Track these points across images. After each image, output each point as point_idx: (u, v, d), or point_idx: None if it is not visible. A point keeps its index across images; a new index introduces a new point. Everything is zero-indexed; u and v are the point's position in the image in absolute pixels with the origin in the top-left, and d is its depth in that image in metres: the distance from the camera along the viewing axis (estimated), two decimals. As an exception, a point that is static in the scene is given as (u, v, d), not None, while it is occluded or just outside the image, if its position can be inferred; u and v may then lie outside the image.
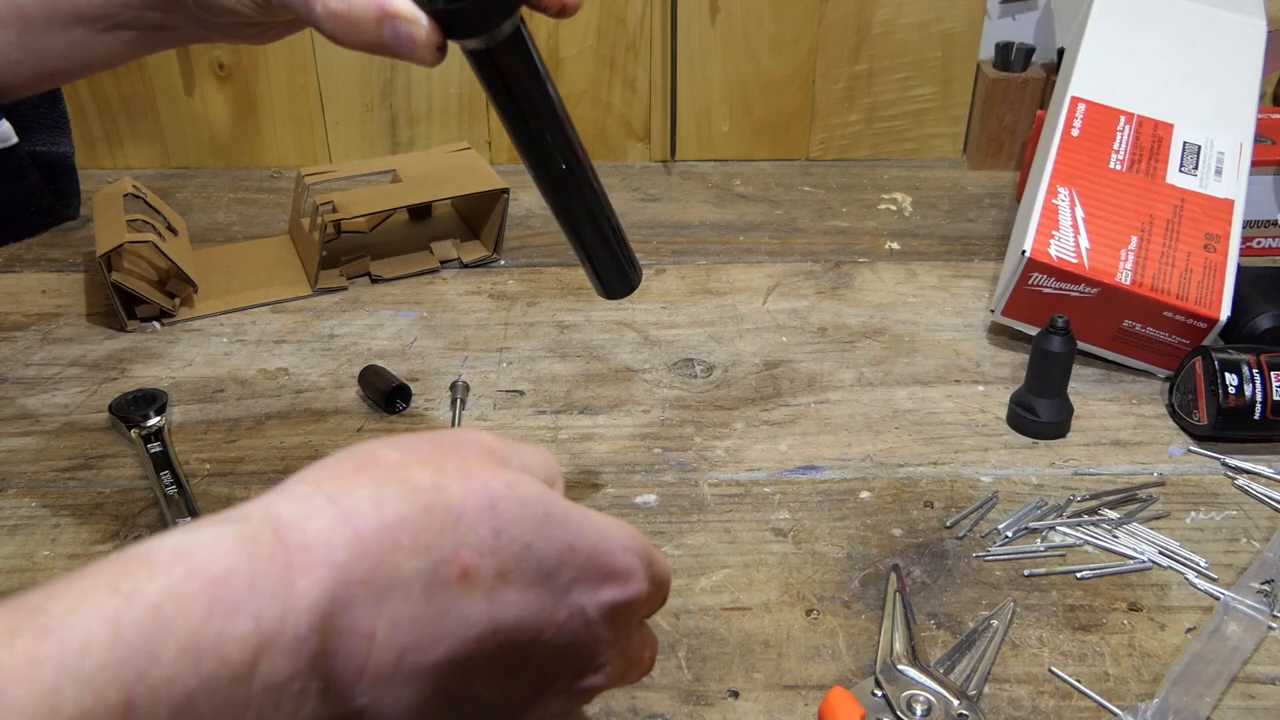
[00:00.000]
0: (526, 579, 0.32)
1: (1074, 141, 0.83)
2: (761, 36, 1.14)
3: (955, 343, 0.84)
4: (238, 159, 1.17)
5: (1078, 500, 0.66)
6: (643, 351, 0.82)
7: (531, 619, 0.32)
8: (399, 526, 0.30)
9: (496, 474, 0.33)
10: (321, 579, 0.28)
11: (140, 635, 0.24)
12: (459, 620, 0.31)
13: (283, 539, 0.28)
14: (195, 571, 0.26)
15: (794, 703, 0.52)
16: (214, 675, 0.25)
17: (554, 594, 0.33)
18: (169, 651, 0.25)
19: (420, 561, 0.30)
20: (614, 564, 0.35)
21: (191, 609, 0.26)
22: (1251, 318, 0.77)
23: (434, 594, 0.30)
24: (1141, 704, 0.51)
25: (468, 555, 0.31)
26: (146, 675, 0.24)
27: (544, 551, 0.33)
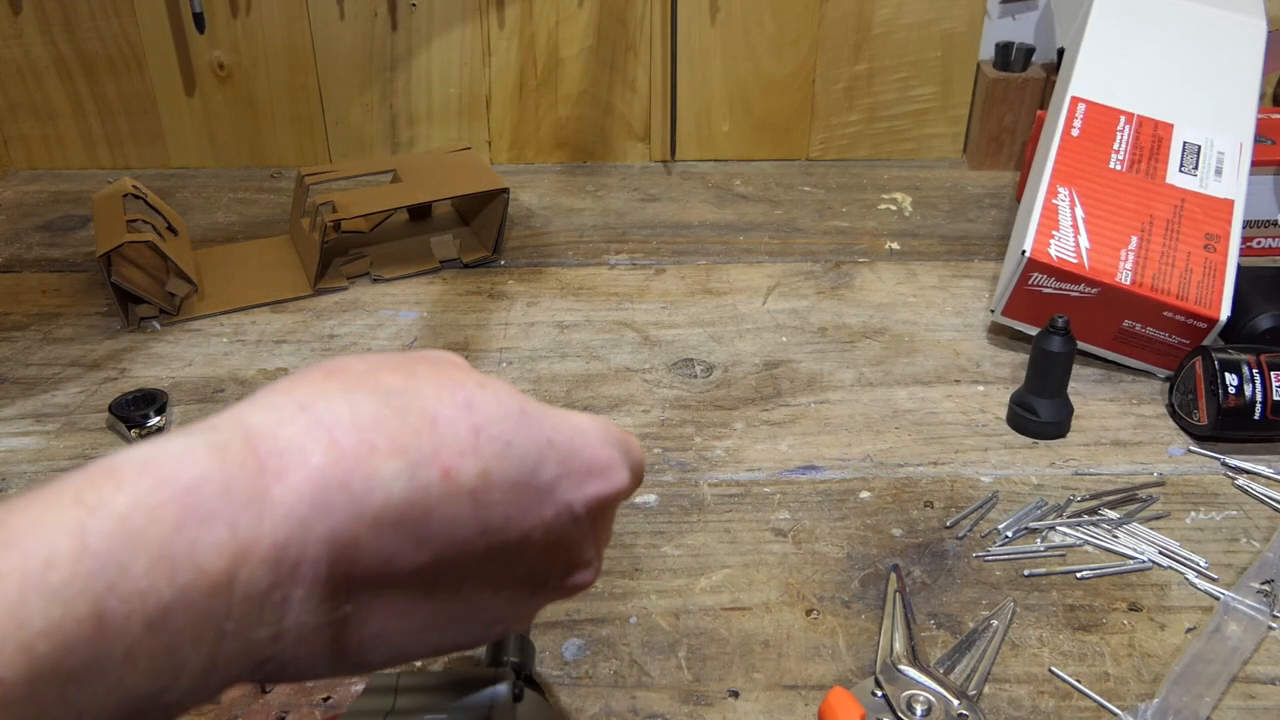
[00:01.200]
0: (510, 477, 0.31)
1: (1074, 141, 0.83)
2: (761, 36, 1.14)
3: (955, 343, 0.84)
4: (238, 159, 1.17)
5: (1078, 500, 0.66)
6: (643, 351, 0.82)
7: (518, 518, 0.32)
8: (374, 428, 0.29)
9: (468, 374, 0.33)
10: (298, 484, 0.27)
11: (108, 547, 0.24)
12: (445, 523, 0.30)
13: (254, 447, 0.27)
14: (164, 481, 0.25)
15: (794, 703, 0.52)
16: (190, 586, 0.25)
17: (539, 491, 0.33)
18: (140, 563, 0.24)
19: (399, 463, 0.29)
20: (595, 457, 0.35)
21: (162, 519, 0.25)
22: (1251, 318, 0.77)
23: (416, 496, 0.29)
24: (1141, 704, 0.51)
25: (448, 455, 0.30)
26: (117, 587, 0.23)
27: (524, 448, 0.32)
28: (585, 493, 0.34)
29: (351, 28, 1.11)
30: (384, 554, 0.29)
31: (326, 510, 0.27)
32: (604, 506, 0.36)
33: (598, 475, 0.35)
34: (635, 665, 0.54)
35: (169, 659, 0.25)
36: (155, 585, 0.24)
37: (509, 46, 1.13)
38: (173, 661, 0.25)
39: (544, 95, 1.15)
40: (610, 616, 0.57)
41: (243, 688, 0.52)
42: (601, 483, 0.35)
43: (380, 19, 1.11)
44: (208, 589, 0.25)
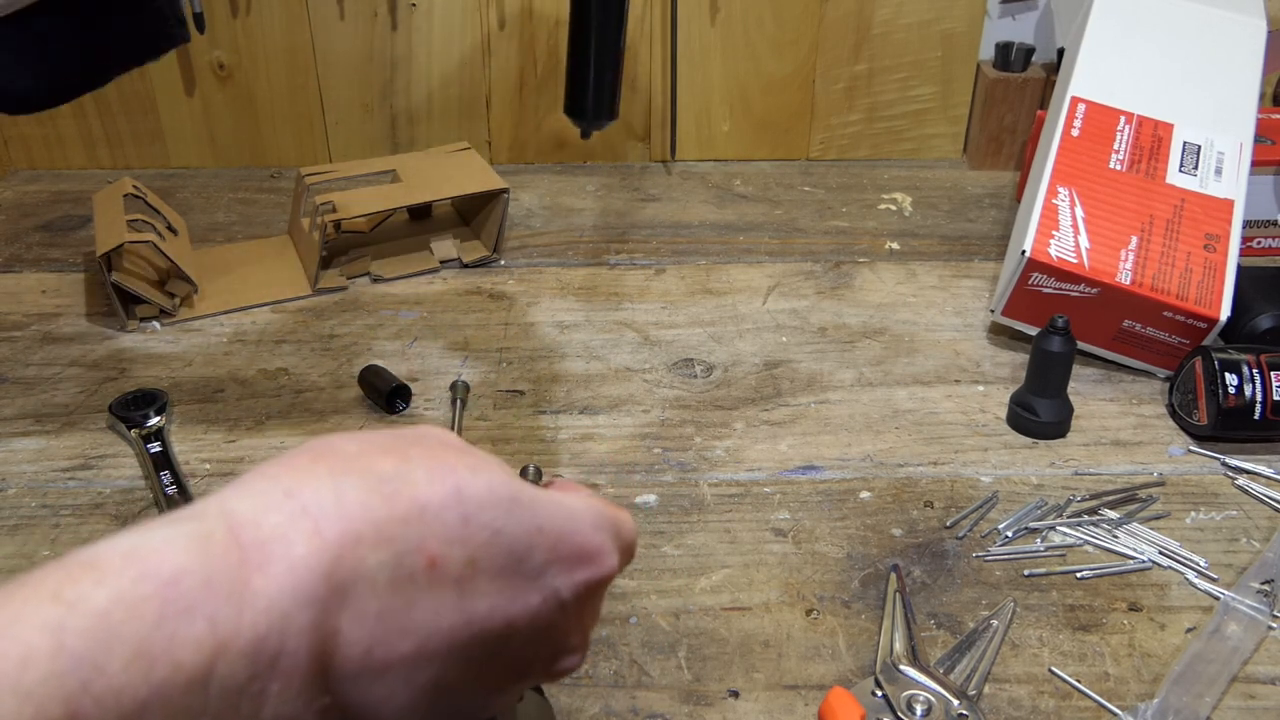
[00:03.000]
0: (497, 566, 0.31)
1: (1074, 141, 0.83)
2: (761, 36, 1.14)
3: (955, 343, 0.84)
4: (238, 159, 1.17)
5: (1078, 500, 0.66)
6: (643, 351, 0.82)
7: (504, 606, 0.32)
8: (360, 518, 0.29)
9: (461, 459, 0.32)
10: (279, 575, 0.27)
11: (85, 645, 0.23)
12: (428, 613, 0.30)
13: (238, 536, 0.27)
14: (146, 575, 0.25)
15: (794, 703, 0.52)
16: (167, 682, 0.24)
17: (526, 580, 0.32)
18: (117, 660, 0.24)
19: (384, 554, 0.29)
20: (585, 544, 0.34)
21: (142, 614, 0.24)
22: (1251, 318, 0.77)
23: (400, 587, 0.29)
24: (1141, 704, 0.51)
25: (434, 545, 0.30)
26: (92, 686, 0.23)
27: (514, 536, 0.32)
28: (574, 579, 0.34)
29: (351, 28, 1.11)
30: (365, 644, 0.29)
31: (308, 602, 0.27)
32: (592, 591, 0.35)
33: (587, 562, 0.34)
34: (635, 665, 0.54)
35: None
36: (131, 682, 0.24)
37: (509, 46, 1.13)
38: None
39: (544, 95, 1.15)
40: (610, 616, 0.57)
41: None
42: (591, 569, 0.34)
43: (380, 19, 1.11)
44: (184, 684, 0.25)
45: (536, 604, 0.33)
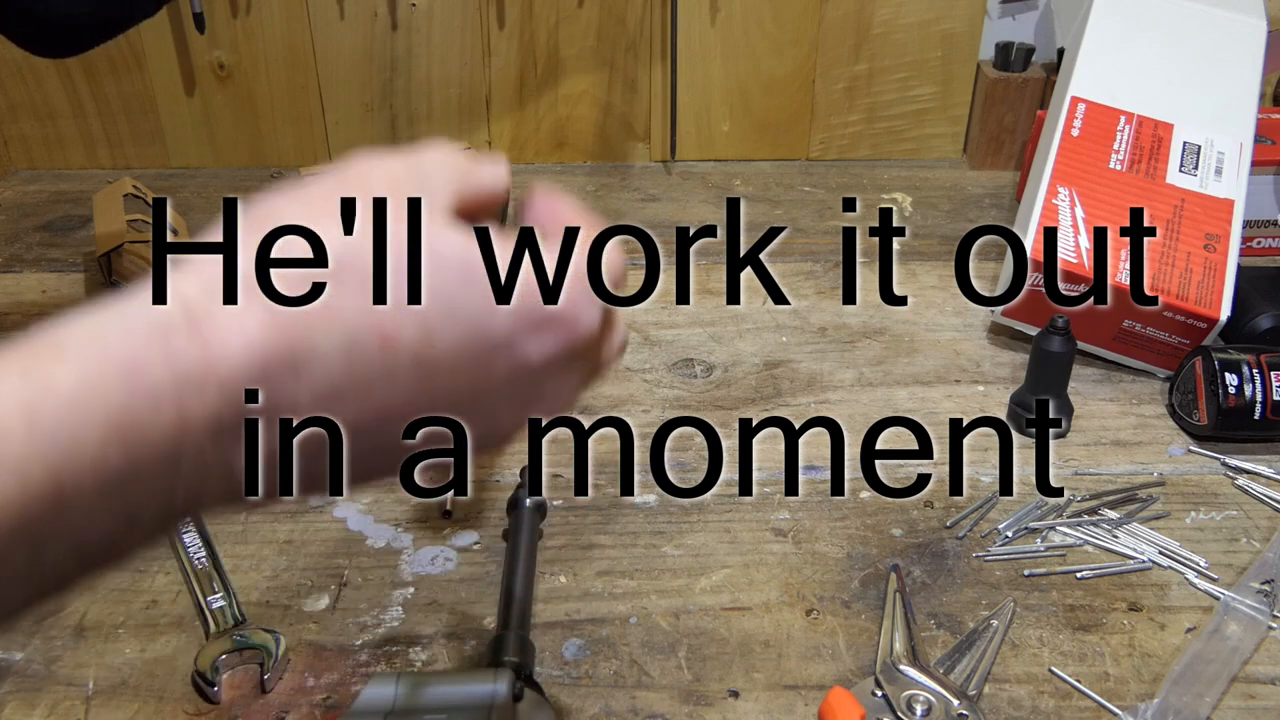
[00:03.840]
0: (455, 336, 0.30)
1: (1074, 141, 0.83)
2: (761, 36, 1.14)
3: (955, 343, 0.84)
4: (238, 159, 1.17)
5: (1078, 500, 0.66)
6: (643, 351, 0.82)
7: (468, 376, 0.31)
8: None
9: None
10: (236, 358, 0.27)
11: (58, 421, 0.24)
12: (386, 387, 0.30)
13: (195, 321, 0.27)
14: (109, 357, 0.26)
15: (794, 703, 0.52)
16: (139, 459, 0.25)
17: (490, 349, 0.31)
18: (93, 438, 0.25)
19: (337, 333, 0.29)
20: (555, 306, 0.32)
21: (109, 399, 0.25)
22: (1251, 318, 0.77)
23: (355, 364, 0.29)
24: (1141, 704, 0.51)
25: (387, 321, 0.29)
26: (71, 459, 0.24)
27: (470, 306, 0.30)
28: (544, 346, 0.32)
29: (351, 28, 1.11)
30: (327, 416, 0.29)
31: (265, 382, 0.28)
32: (568, 354, 0.33)
33: (559, 325, 0.32)
34: (635, 665, 0.54)
35: (126, 518, 0.26)
36: (108, 457, 0.25)
37: (509, 46, 1.13)
38: (130, 520, 0.27)
39: (544, 95, 1.15)
40: (610, 616, 0.57)
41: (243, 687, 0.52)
42: (562, 332, 0.32)
43: (380, 19, 1.11)
44: (156, 461, 0.26)
45: (504, 371, 0.32)
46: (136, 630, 0.56)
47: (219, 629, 0.55)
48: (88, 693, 0.52)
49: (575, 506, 0.65)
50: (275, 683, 0.53)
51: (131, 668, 0.54)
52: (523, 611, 0.55)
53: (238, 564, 0.61)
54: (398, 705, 0.47)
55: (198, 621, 0.57)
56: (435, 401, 0.31)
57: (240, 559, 0.61)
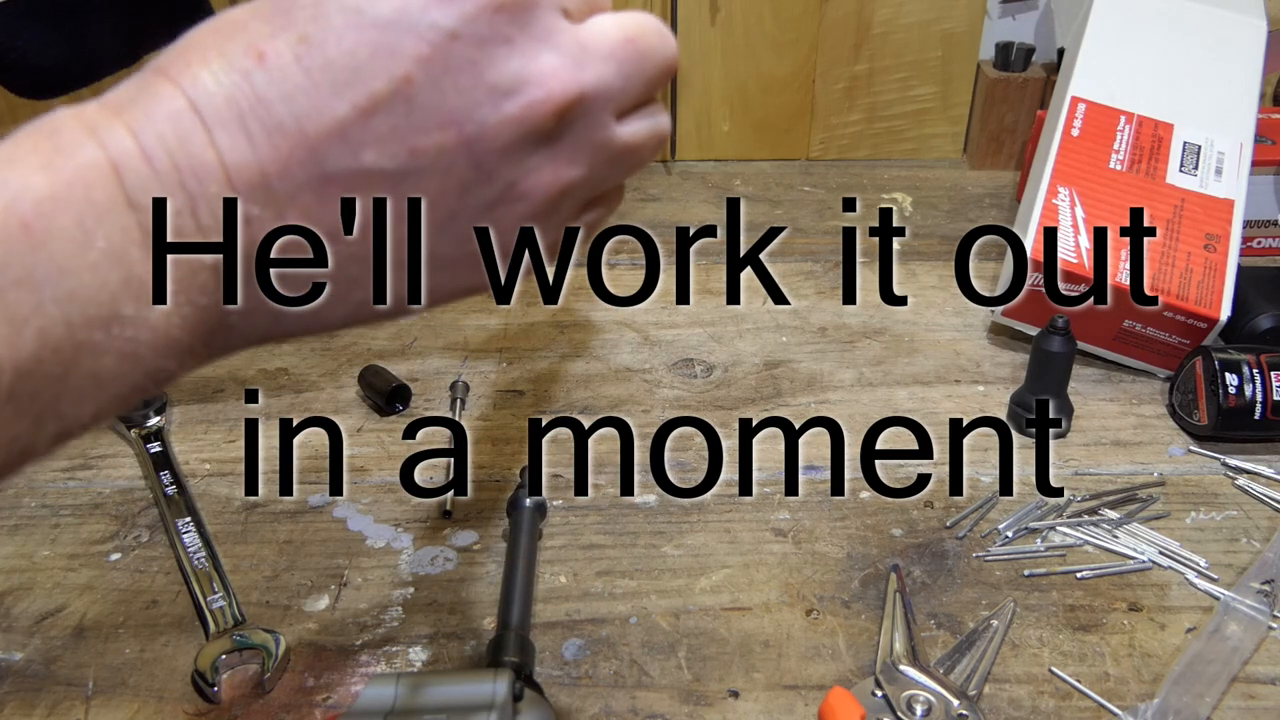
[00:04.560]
0: (335, 31, 0.28)
1: (1074, 141, 0.83)
2: (761, 36, 1.14)
3: (955, 343, 0.84)
4: (238, 159, 1.17)
5: (1078, 500, 0.66)
6: (643, 351, 0.82)
7: (370, 62, 0.28)
8: (190, 48, 0.29)
9: None
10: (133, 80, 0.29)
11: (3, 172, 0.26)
12: (284, 102, 0.28)
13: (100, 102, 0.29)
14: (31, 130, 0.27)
15: (794, 703, 0.52)
16: (87, 195, 0.26)
17: (385, 25, 0.28)
18: (37, 180, 0.26)
19: (216, 63, 0.28)
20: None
21: (38, 148, 0.27)
22: (1251, 318, 0.77)
23: (241, 85, 0.28)
24: (1141, 704, 0.51)
25: (262, 40, 0.28)
26: (24, 197, 0.25)
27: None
28: (450, 9, 0.29)
29: (351, 28, 1.11)
30: (246, 149, 0.28)
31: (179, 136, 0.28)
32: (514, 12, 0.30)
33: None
34: (635, 665, 0.54)
35: (113, 266, 0.26)
36: (63, 194, 0.26)
37: (509, 46, 1.13)
38: (119, 268, 0.26)
39: (544, 95, 1.15)
40: (610, 616, 0.57)
41: (243, 687, 0.52)
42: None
43: (380, 19, 1.11)
44: (109, 193, 0.27)
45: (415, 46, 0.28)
46: (136, 630, 0.56)
47: (219, 629, 0.55)
48: (88, 693, 0.52)
49: (575, 506, 0.65)
50: (275, 683, 0.53)
51: (131, 668, 0.54)
52: (523, 611, 0.55)
53: (238, 564, 0.61)
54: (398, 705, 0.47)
55: (198, 621, 0.57)
56: (354, 102, 0.28)
57: (240, 559, 0.61)
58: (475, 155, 0.30)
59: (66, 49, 0.52)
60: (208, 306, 0.29)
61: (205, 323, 0.29)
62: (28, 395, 0.26)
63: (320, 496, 0.66)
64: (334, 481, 0.67)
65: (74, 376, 0.26)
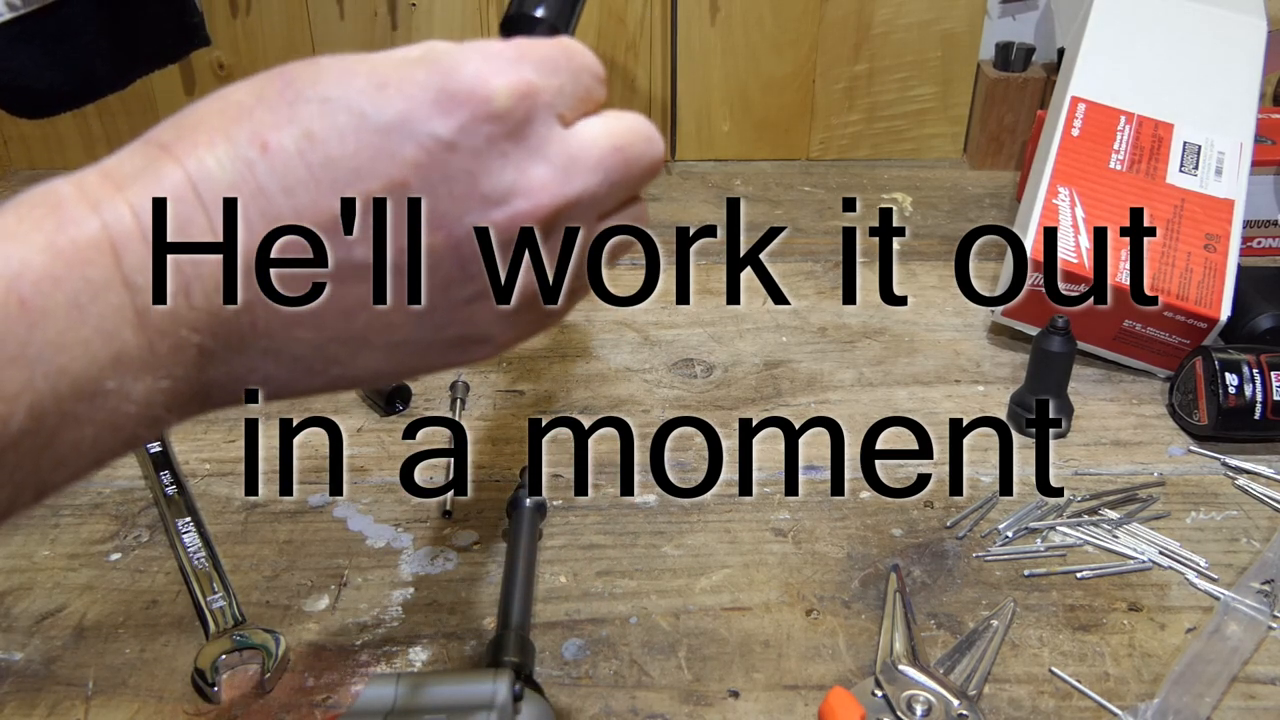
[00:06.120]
0: (339, 129, 0.29)
1: (1074, 141, 0.83)
2: (761, 36, 1.14)
3: (955, 343, 0.84)
4: (238, 159, 1.17)
5: (1078, 500, 0.66)
6: (643, 351, 0.82)
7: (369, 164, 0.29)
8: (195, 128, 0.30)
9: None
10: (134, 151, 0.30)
11: (5, 246, 0.26)
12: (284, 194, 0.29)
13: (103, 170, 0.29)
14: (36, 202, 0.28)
15: (794, 703, 0.52)
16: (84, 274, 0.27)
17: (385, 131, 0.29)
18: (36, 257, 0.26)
19: (221, 148, 0.29)
20: (461, 78, 0.30)
21: (41, 224, 0.27)
22: (1251, 318, 0.77)
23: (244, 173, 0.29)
24: (1141, 704, 0.51)
25: (267, 129, 0.29)
26: (24, 274, 0.26)
27: (350, 98, 0.29)
28: (450, 121, 0.30)
29: (351, 28, 1.11)
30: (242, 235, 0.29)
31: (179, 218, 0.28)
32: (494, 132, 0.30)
33: (460, 94, 0.30)
34: (635, 665, 0.54)
35: (104, 344, 0.27)
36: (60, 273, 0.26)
37: (509, 46, 1.13)
38: (110, 345, 0.27)
39: (544, 95, 1.15)
40: (610, 616, 0.57)
41: (243, 687, 0.52)
42: (465, 102, 0.30)
43: (380, 19, 1.11)
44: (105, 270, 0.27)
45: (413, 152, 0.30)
46: (136, 630, 0.56)
47: (219, 629, 0.55)
48: (88, 693, 0.52)
49: (575, 506, 0.65)
50: (275, 683, 0.53)
51: (131, 668, 0.54)
52: (523, 611, 0.55)
53: (238, 564, 0.61)
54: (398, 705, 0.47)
55: (198, 622, 0.57)
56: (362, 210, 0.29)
57: (240, 559, 0.61)
58: (461, 257, 0.31)
59: (61, 72, 0.53)
60: (190, 377, 0.29)
61: (186, 392, 0.29)
62: (12, 465, 0.26)
63: (320, 496, 0.66)
64: (334, 481, 0.67)
65: (57, 445, 0.27)
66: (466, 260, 0.31)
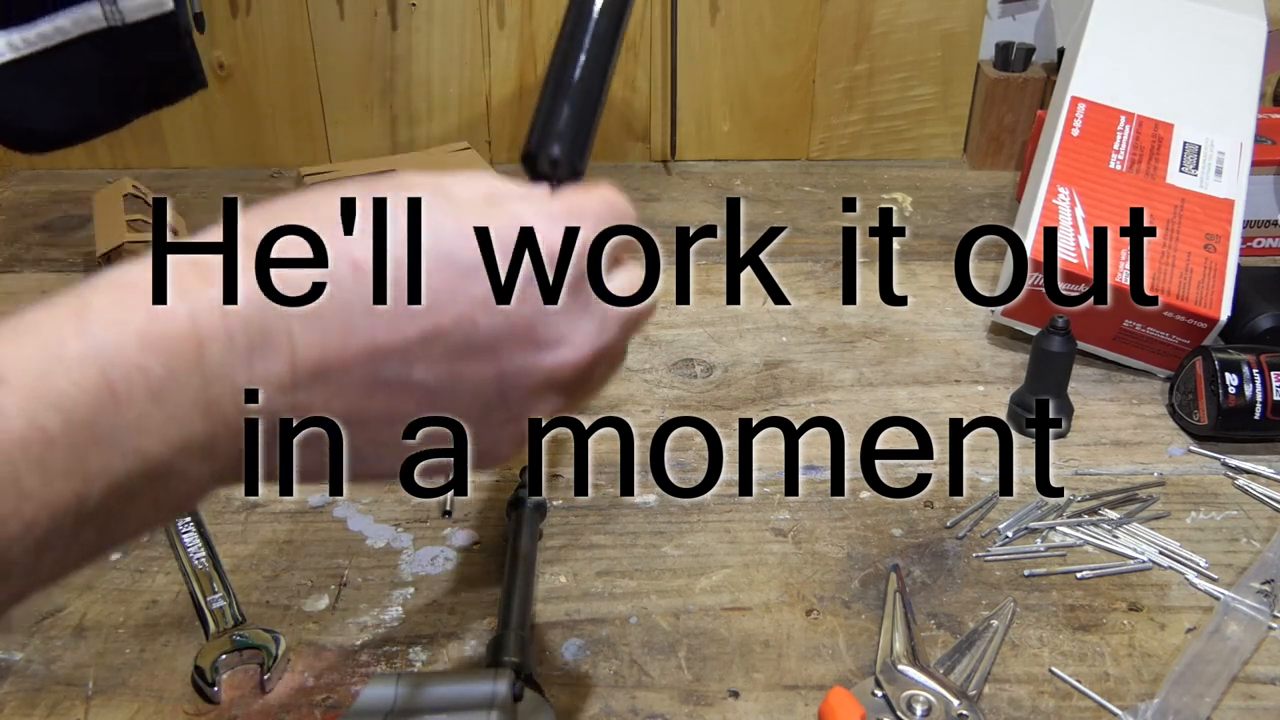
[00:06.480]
0: (426, 264, 0.32)
1: (1074, 141, 0.83)
2: (761, 36, 1.14)
3: (955, 343, 0.84)
4: (238, 159, 1.17)
5: (1078, 500, 0.66)
6: (643, 351, 0.82)
7: (447, 298, 0.32)
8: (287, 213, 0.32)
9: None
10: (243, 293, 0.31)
11: (103, 330, 0.28)
12: (364, 312, 0.31)
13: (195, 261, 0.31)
14: (132, 286, 0.29)
15: (794, 703, 0.52)
16: (169, 364, 0.29)
17: (462, 269, 0.32)
18: (130, 343, 0.28)
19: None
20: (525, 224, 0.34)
21: (136, 310, 0.29)
22: (1251, 318, 0.77)
23: (332, 289, 0.31)
24: (1141, 704, 0.51)
25: (358, 250, 0.32)
26: (117, 361, 0.28)
27: (440, 235, 0.33)
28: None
29: (351, 28, 1.11)
30: (317, 344, 0.31)
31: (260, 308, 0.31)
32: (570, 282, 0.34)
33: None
34: (635, 665, 0.54)
35: (176, 429, 0.29)
36: (144, 361, 0.28)
37: (509, 46, 1.13)
38: (179, 431, 0.29)
39: (544, 95, 1.15)
40: (610, 616, 0.57)
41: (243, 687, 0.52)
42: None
43: (380, 19, 1.11)
44: (185, 368, 0.29)
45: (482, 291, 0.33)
46: (136, 630, 0.56)
47: (219, 629, 0.55)
48: (88, 693, 0.52)
49: (575, 506, 0.65)
50: (275, 683, 0.53)
51: (131, 668, 0.54)
52: (523, 611, 0.55)
53: (238, 564, 0.61)
54: (398, 705, 0.47)
55: (198, 621, 0.57)
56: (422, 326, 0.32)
57: (240, 559, 0.61)
58: (504, 388, 0.34)
59: (61, 113, 0.54)
60: (236, 460, 0.32)
61: (231, 473, 0.32)
62: (82, 539, 0.28)
63: (320, 496, 0.66)
64: (334, 481, 0.67)
65: (122, 519, 0.29)
66: (507, 392, 0.34)
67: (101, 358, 0.28)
